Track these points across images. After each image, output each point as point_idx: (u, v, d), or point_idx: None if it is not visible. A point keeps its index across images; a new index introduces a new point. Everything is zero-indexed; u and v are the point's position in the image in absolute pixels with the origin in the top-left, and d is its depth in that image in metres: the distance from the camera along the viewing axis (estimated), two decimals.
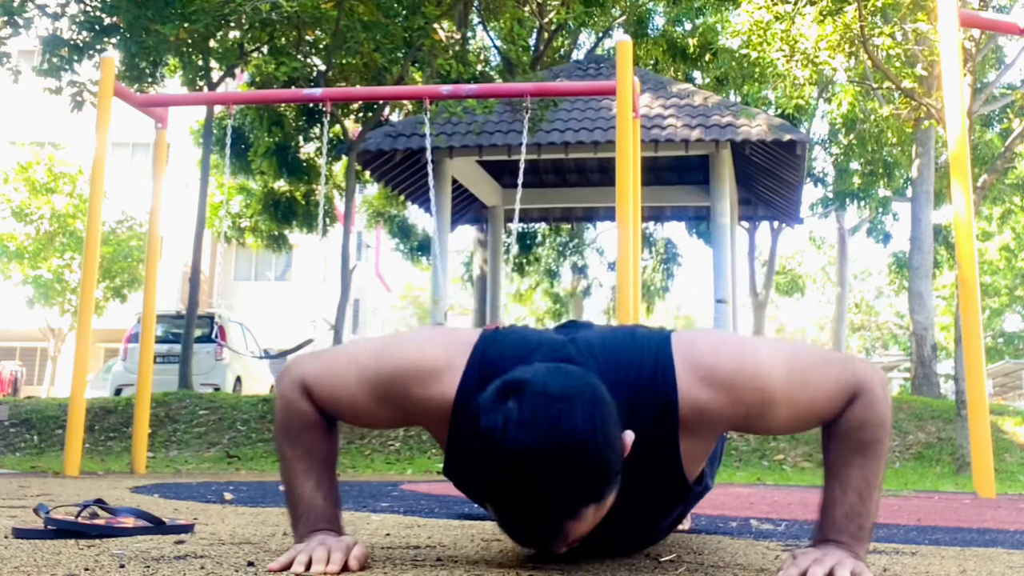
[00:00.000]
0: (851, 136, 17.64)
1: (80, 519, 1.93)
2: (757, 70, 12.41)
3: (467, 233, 17.99)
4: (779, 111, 16.42)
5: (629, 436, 1.33)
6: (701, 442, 1.48)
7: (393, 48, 11.25)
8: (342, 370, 1.53)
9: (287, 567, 1.41)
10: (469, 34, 15.68)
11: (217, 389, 13.74)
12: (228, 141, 7.28)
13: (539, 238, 21.14)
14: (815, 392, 1.43)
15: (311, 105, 13.50)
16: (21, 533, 1.87)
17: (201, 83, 12.57)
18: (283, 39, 11.72)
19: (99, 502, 2.09)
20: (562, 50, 17.99)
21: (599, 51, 18.14)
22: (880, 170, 18.14)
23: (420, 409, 1.49)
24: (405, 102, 13.44)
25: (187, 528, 2.03)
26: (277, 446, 1.58)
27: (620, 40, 6.43)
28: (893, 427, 9.75)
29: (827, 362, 1.46)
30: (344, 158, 14.28)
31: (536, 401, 1.22)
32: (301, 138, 15.06)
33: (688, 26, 17.93)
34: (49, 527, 1.87)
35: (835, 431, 1.45)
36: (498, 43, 15.98)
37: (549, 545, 1.29)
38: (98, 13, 11.12)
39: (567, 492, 1.21)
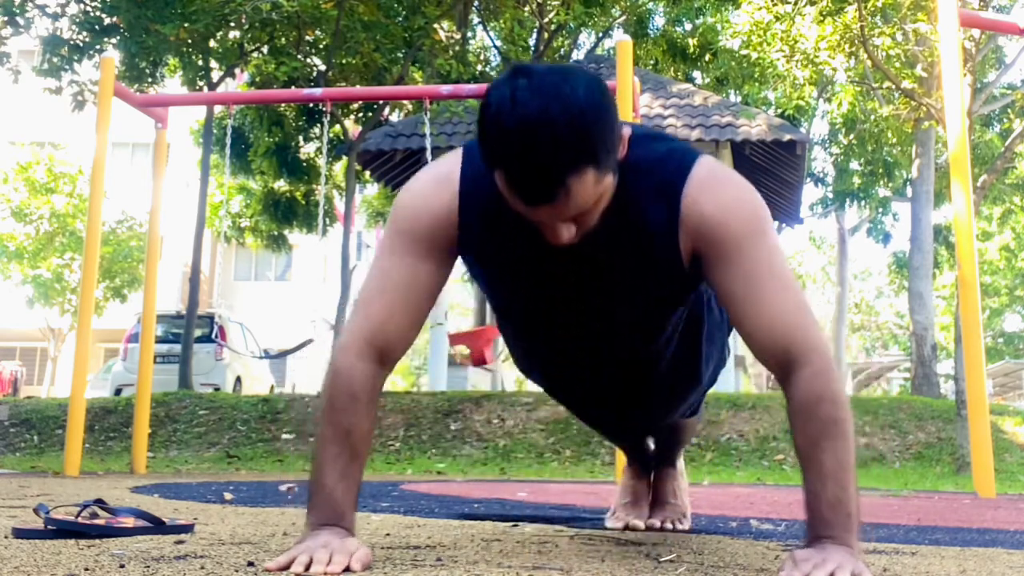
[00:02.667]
0: (851, 136, 17.65)
1: (80, 519, 1.93)
2: (757, 70, 12.43)
3: None
4: (779, 111, 16.43)
5: (627, 131, 1.47)
6: (687, 257, 1.54)
7: (393, 48, 11.26)
8: (378, 276, 1.59)
9: (286, 567, 1.41)
10: (469, 34, 15.67)
11: (217, 389, 13.74)
12: (228, 141, 7.29)
13: None
14: (779, 292, 1.48)
15: (311, 105, 13.50)
16: (21, 533, 1.87)
17: (201, 83, 12.57)
18: (283, 39, 11.72)
19: (99, 502, 2.09)
20: (562, 50, 17.98)
21: (599, 51, 18.14)
22: (880, 170, 18.15)
23: (443, 221, 1.57)
24: (405, 102, 13.44)
25: (187, 528, 2.03)
26: (317, 428, 1.60)
27: (620, 40, 6.43)
28: (893, 427, 9.77)
29: (803, 300, 1.52)
30: (344, 158, 14.29)
31: (543, 77, 1.35)
32: (301, 138, 15.06)
33: (688, 26, 17.93)
34: (49, 527, 1.87)
35: (793, 411, 1.47)
36: (498, 43, 15.98)
37: (553, 195, 1.35)
38: (98, 13, 11.12)
39: (569, 143, 1.32)
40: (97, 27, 11.06)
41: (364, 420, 1.57)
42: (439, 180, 1.61)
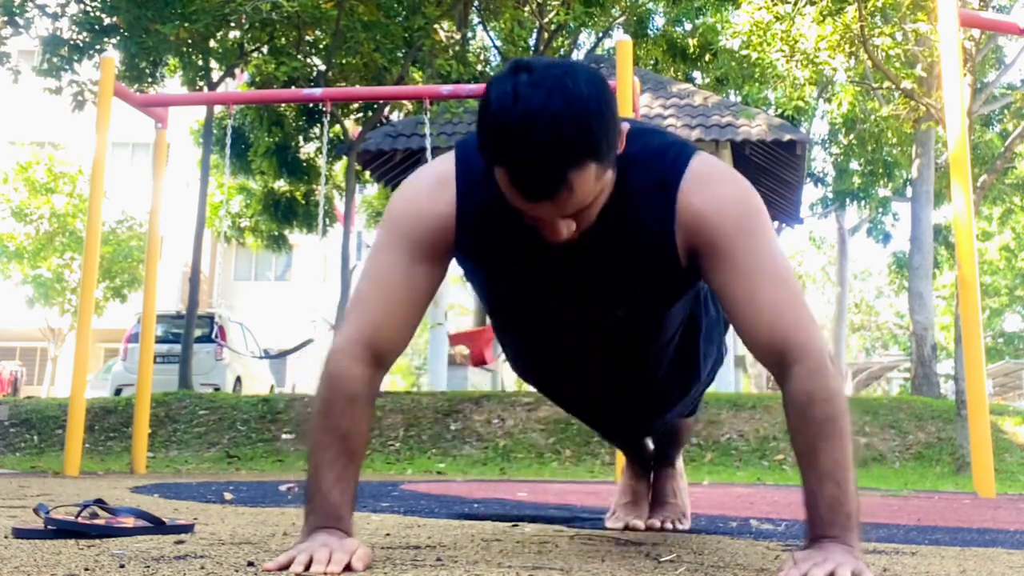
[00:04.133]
0: (851, 136, 17.65)
1: (80, 519, 1.93)
2: (757, 70, 12.43)
3: None
4: (779, 111, 16.43)
5: (625, 126, 1.46)
6: (684, 254, 1.54)
7: (393, 48, 11.26)
8: (373, 278, 1.59)
9: (285, 567, 1.41)
10: (469, 34, 15.67)
11: (217, 389, 13.74)
12: (228, 141, 7.29)
13: None
14: (774, 289, 1.47)
15: (311, 105, 13.50)
16: (21, 533, 1.87)
17: (201, 83, 12.57)
18: (283, 39, 11.72)
19: (99, 502, 2.09)
20: (562, 50, 17.98)
21: (599, 51, 18.14)
22: (880, 170, 18.15)
23: (441, 223, 1.57)
24: (405, 102, 13.44)
25: (187, 528, 2.03)
26: (312, 429, 1.57)
27: (620, 40, 6.43)
28: (893, 427, 9.77)
29: (801, 297, 1.51)
30: (344, 158, 14.28)
31: (543, 72, 1.35)
32: (301, 138, 15.06)
33: (688, 26, 17.93)
34: (49, 527, 1.87)
35: (789, 410, 1.46)
36: (498, 43, 15.98)
37: (551, 192, 1.35)
38: (98, 13, 11.13)
39: (570, 139, 1.32)
40: (97, 27, 11.06)
41: (361, 423, 1.56)
42: (436, 181, 1.60)
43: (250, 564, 1.49)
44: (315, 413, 1.57)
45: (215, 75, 12.96)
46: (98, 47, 11.03)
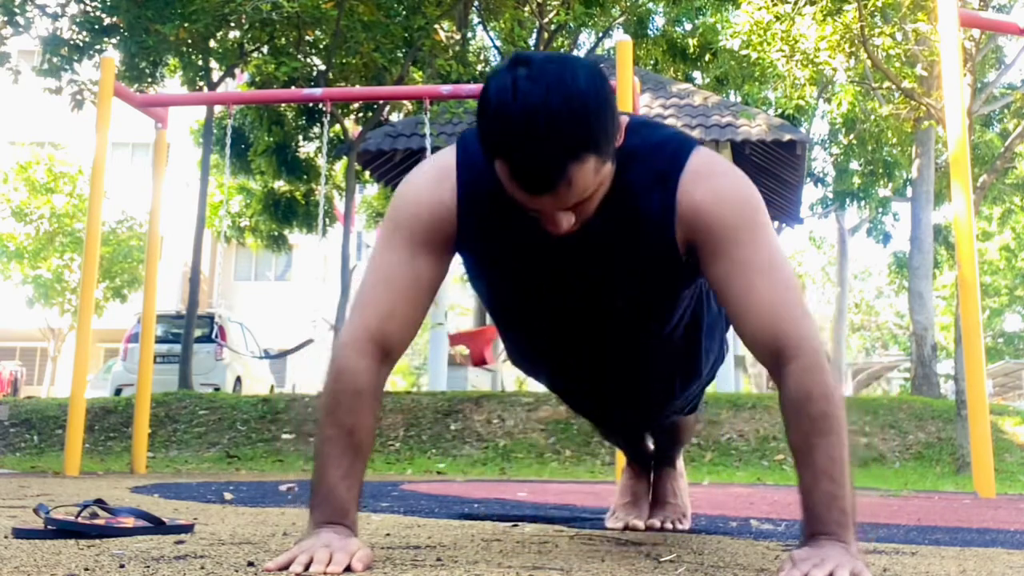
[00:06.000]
0: (851, 136, 17.65)
1: (80, 519, 1.93)
2: (757, 70, 12.44)
3: None
4: (779, 111, 16.43)
5: (625, 119, 1.48)
6: (683, 247, 1.54)
7: (393, 48, 11.26)
8: (378, 271, 1.59)
9: (285, 567, 1.41)
10: (469, 34, 15.67)
11: (217, 389, 13.74)
12: (228, 141, 7.28)
13: None
14: (770, 284, 1.48)
15: (311, 105, 13.50)
16: (21, 533, 1.87)
17: (201, 83, 12.57)
18: (283, 39, 11.72)
19: (99, 502, 2.09)
20: (562, 50, 17.99)
21: (599, 51, 18.13)
22: (880, 170, 18.15)
23: (443, 214, 1.57)
24: (405, 102, 13.44)
25: (187, 528, 2.03)
26: (319, 425, 1.57)
27: (620, 40, 6.43)
28: (893, 427, 9.76)
29: (798, 295, 1.51)
30: (344, 158, 14.28)
31: (542, 65, 1.36)
32: (301, 138, 15.06)
33: (688, 26, 17.93)
34: (49, 527, 1.87)
35: (785, 407, 1.46)
36: (498, 43, 15.98)
37: (551, 185, 1.36)
38: (98, 13, 11.13)
39: (570, 132, 1.32)
40: (97, 27, 11.06)
41: (368, 418, 1.56)
42: (438, 174, 1.60)
43: (250, 564, 1.49)
44: (322, 408, 1.57)
45: (215, 75, 12.96)
46: (98, 47, 11.04)
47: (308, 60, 12.18)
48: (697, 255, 1.54)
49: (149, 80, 11.77)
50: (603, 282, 1.63)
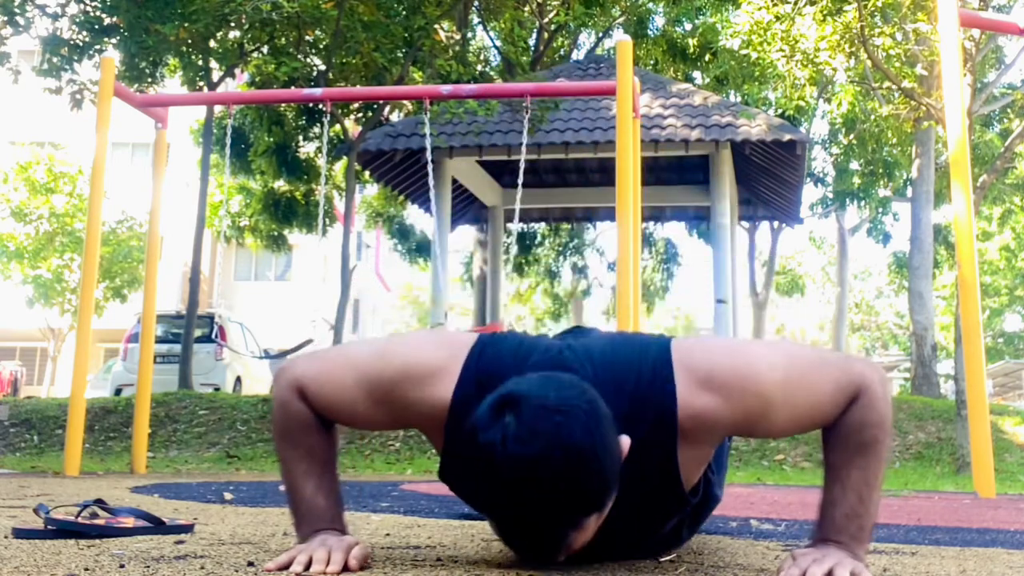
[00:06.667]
0: (851, 136, 17.65)
1: (80, 519, 1.93)
2: (757, 70, 12.42)
3: (467, 233, 17.99)
4: (779, 111, 16.42)
5: (626, 441, 1.34)
6: (700, 449, 1.48)
7: (393, 48, 11.26)
8: (339, 372, 1.53)
9: (285, 567, 1.41)
10: (469, 34, 15.67)
11: (217, 389, 13.74)
12: (228, 141, 7.28)
13: (539, 238, 21.13)
14: (814, 395, 1.43)
15: (311, 105, 13.49)
16: (21, 533, 1.87)
17: (201, 83, 12.56)
18: (283, 39, 11.71)
19: (99, 502, 2.09)
20: (562, 50, 17.99)
21: (599, 51, 18.13)
22: (880, 170, 18.14)
23: (416, 412, 1.49)
24: (405, 102, 13.44)
25: (187, 528, 2.03)
26: (276, 447, 1.58)
27: (620, 40, 6.43)
28: (893, 427, 9.77)
29: (826, 363, 1.46)
30: (344, 158, 14.28)
31: (533, 414, 1.22)
32: (301, 138, 15.06)
33: (688, 26, 17.93)
34: (49, 527, 1.87)
35: (835, 432, 1.44)
36: (498, 43, 15.98)
37: (551, 556, 1.30)
38: (98, 13, 11.12)
39: (569, 504, 1.22)
40: (97, 27, 11.06)
41: (321, 440, 1.56)
42: (442, 370, 1.48)
43: (250, 564, 1.49)
44: (276, 434, 1.57)
45: (215, 75, 12.95)
46: (98, 47, 11.03)
47: (308, 60, 12.18)
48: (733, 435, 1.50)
49: (149, 80, 11.76)
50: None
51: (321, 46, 12.18)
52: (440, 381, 1.47)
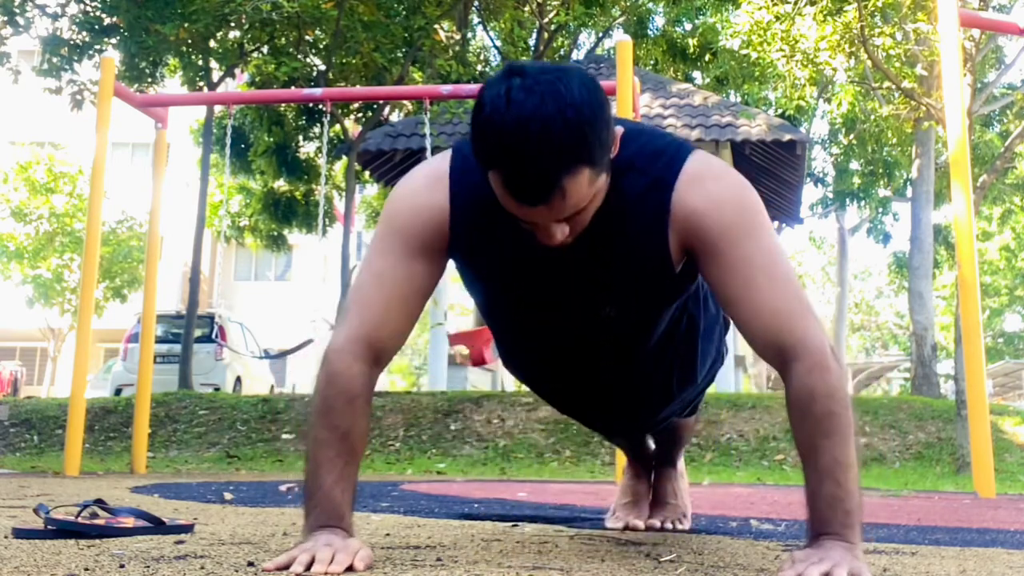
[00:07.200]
0: (851, 136, 17.66)
1: (80, 519, 1.93)
2: (757, 70, 12.44)
3: None
4: (779, 111, 16.43)
5: (619, 129, 1.47)
6: (678, 254, 1.54)
7: (393, 48, 11.27)
8: (372, 276, 1.59)
9: (286, 567, 1.41)
10: (469, 34, 15.68)
11: (217, 389, 13.74)
12: (228, 141, 7.27)
13: None
14: (772, 285, 1.47)
15: (311, 105, 13.50)
16: (21, 533, 1.87)
17: (201, 83, 12.57)
18: (283, 39, 11.72)
19: (99, 502, 2.09)
20: (562, 50, 17.98)
21: (599, 51, 18.14)
22: (880, 170, 18.15)
23: (436, 220, 1.57)
24: (405, 102, 13.44)
25: (187, 528, 2.03)
26: (311, 427, 1.57)
27: (620, 40, 6.43)
28: (893, 427, 9.76)
29: (800, 293, 1.50)
30: (344, 158, 14.29)
31: (537, 76, 1.35)
32: (301, 138, 15.06)
33: (688, 26, 17.94)
34: (49, 527, 1.87)
35: (790, 407, 1.46)
36: (498, 43, 15.98)
37: (548, 196, 1.35)
38: (98, 13, 11.13)
39: (564, 144, 1.31)
40: (97, 27, 11.07)
41: (362, 421, 1.56)
42: (431, 180, 1.60)
43: (250, 564, 1.49)
44: (314, 412, 1.57)
45: (215, 75, 12.96)
46: (98, 47, 11.04)
47: (308, 60, 12.19)
48: (696, 260, 1.54)
49: (149, 80, 11.77)
50: (594, 291, 1.62)
51: (321, 46, 12.19)
52: (439, 183, 1.58)
